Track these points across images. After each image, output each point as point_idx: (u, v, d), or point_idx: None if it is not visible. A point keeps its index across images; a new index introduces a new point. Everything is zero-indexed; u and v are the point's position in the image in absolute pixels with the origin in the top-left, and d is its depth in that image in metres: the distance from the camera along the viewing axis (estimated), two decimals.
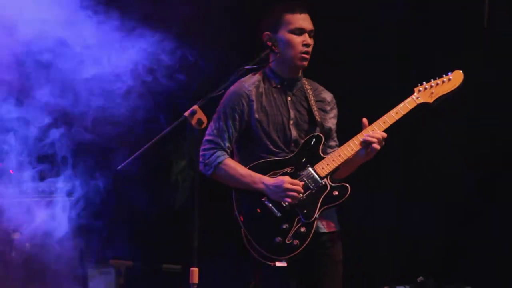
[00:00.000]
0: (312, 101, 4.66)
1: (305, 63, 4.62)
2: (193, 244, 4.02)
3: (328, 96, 4.76)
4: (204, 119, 4.11)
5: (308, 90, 4.69)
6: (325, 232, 4.58)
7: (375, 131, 4.49)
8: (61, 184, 6.01)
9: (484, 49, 6.40)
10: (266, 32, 4.64)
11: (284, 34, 4.60)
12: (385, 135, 4.50)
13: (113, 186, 6.57)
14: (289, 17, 4.60)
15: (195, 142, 4.24)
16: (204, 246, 4.28)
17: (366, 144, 4.48)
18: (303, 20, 4.60)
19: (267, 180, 4.46)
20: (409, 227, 6.76)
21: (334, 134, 4.73)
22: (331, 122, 4.70)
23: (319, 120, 4.64)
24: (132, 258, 6.46)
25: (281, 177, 4.46)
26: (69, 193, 6.00)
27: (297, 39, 4.59)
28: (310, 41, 4.60)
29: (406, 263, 6.79)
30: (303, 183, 4.47)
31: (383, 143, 4.50)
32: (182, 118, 4.13)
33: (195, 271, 4.03)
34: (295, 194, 4.42)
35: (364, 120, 4.54)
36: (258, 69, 4.56)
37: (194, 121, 4.09)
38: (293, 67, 4.63)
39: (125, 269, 6.32)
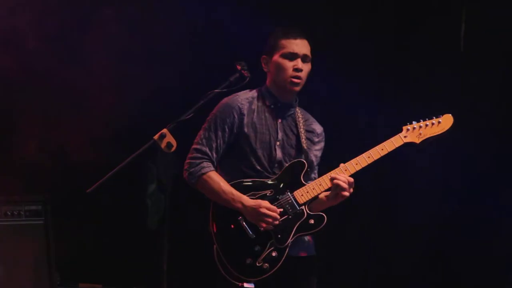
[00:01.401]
0: (301, 129, 4.69)
1: (296, 88, 4.64)
2: (162, 267, 4.02)
3: (318, 128, 4.79)
4: (174, 142, 4.12)
5: (300, 119, 4.72)
6: (298, 257, 4.59)
7: (341, 175, 4.49)
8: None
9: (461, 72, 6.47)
10: (263, 56, 4.71)
11: (277, 59, 4.65)
12: (351, 179, 4.50)
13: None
14: (283, 41, 4.64)
15: (166, 165, 4.25)
16: (174, 268, 4.29)
17: (333, 184, 4.49)
18: (296, 45, 4.63)
19: (246, 201, 4.47)
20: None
21: (316, 168, 4.75)
22: (315, 154, 4.73)
23: (305, 148, 4.67)
24: (102, 281, 6.44)
25: (260, 201, 4.47)
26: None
27: (288, 64, 4.62)
28: (301, 66, 4.62)
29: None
30: (281, 210, 4.49)
31: (351, 189, 4.51)
32: (151, 142, 4.13)
33: None
34: (270, 220, 4.43)
35: (341, 165, 4.56)
36: (227, 93, 4.57)
37: (163, 145, 4.10)
38: (284, 91, 4.66)
39: None
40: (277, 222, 4.45)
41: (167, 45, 6.58)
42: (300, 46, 4.63)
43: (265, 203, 4.46)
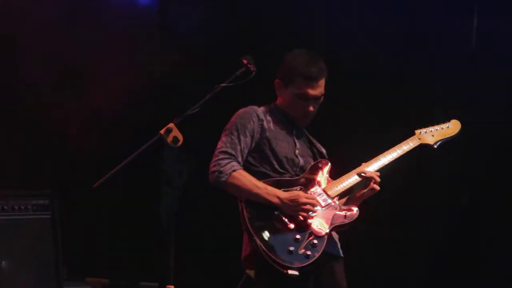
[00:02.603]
0: (313, 141, 4.77)
1: (306, 123, 4.71)
2: (170, 261, 4.02)
3: (323, 150, 4.83)
4: (180, 137, 4.10)
5: (310, 137, 4.79)
6: (334, 254, 4.59)
7: (369, 171, 4.57)
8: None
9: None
10: (277, 80, 4.69)
11: (291, 93, 4.63)
12: (378, 173, 4.57)
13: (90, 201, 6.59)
14: (301, 82, 4.60)
15: (172, 160, 4.23)
16: (181, 263, 4.28)
17: (363, 178, 4.55)
18: (314, 89, 4.60)
19: (282, 194, 4.46)
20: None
21: None
22: None
23: (324, 153, 4.75)
24: (109, 276, 6.45)
25: (296, 192, 4.48)
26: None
27: (302, 103, 4.62)
28: (314, 107, 4.64)
29: None
30: (316, 197, 4.51)
31: (379, 180, 4.56)
32: (157, 136, 4.12)
33: None
34: (310, 207, 4.45)
35: (363, 163, 4.63)
36: (234, 87, 4.56)
37: (169, 139, 4.08)
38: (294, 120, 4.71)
39: (102, 287, 6.30)
40: (316, 210, 4.46)
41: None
42: (319, 88, 4.62)
43: (302, 192, 4.48)
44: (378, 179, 4.56)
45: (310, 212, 4.46)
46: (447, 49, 6.57)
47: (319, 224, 4.48)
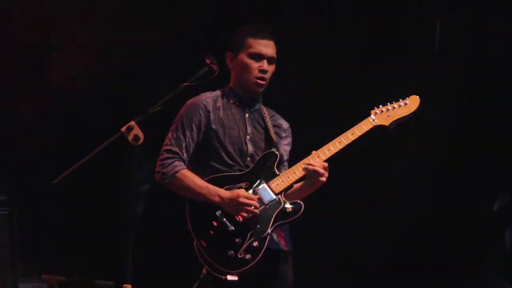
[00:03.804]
0: (269, 123, 4.69)
1: (260, 89, 4.64)
2: (127, 259, 4.01)
3: (284, 123, 4.79)
4: (141, 135, 4.09)
5: (266, 114, 4.73)
6: (278, 250, 4.57)
7: (315, 161, 4.50)
8: None
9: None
10: (229, 52, 4.67)
11: (243, 57, 4.62)
12: (326, 164, 4.51)
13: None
14: (251, 41, 4.61)
15: (132, 158, 4.23)
16: (139, 262, 4.27)
17: (308, 171, 4.50)
18: (264, 46, 4.61)
19: (223, 193, 4.44)
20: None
21: (286, 162, 4.73)
22: (284, 149, 4.72)
23: (275, 140, 4.67)
24: (65, 273, 6.42)
25: (237, 191, 4.45)
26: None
27: (254, 64, 4.60)
28: (267, 67, 4.61)
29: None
30: (258, 196, 4.48)
31: (327, 174, 4.51)
32: (118, 134, 4.11)
33: (128, 287, 4.02)
34: (250, 208, 4.42)
35: (313, 152, 4.56)
36: (196, 86, 4.56)
37: (130, 137, 4.08)
38: (247, 91, 4.66)
39: (58, 284, 6.26)
40: (256, 211, 4.43)
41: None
42: (268, 47, 4.62)
43: (242, 191, 4.44)
44: (323, 172, 4.48)
45: (250, 213, 4.44)
46: None
47: (260, 224, 4.44)
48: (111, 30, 6.62)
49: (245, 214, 4.42)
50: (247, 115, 4.68)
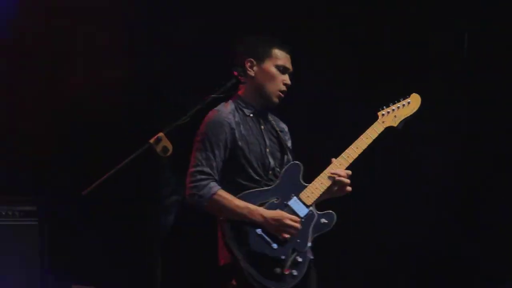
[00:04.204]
0: (278, 131, 4.70)
1: (278, 102, 4.65)
2: (156, 272, 4.02)
3: (285, 126, 4.82)
4: (170, 146, 4.10)
5: (272, 121, 4.74)
6: (311, 259, 4.60)
7: (340, 170, 4.56)
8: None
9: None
10: (250, 59, 4.62)
11: (269, 67, 4.60)
12: (349, 172, 4.57)
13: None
14: (278, 52, 4.62)
15: (161, 169, 4.24)
16: (168, 275, 4.28)
17: (334, 181, 4.55)
18: (288, 61, 4.64)
19: (266, 212, 4.42)
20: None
21: None
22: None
23: (289, 148, 4.70)
24: (95, 283, 6.44)
25: (280, 212, 4.44)
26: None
27: (280, 77, 4.61)
28: (289, 82, 4.64)
29: None
30: (299, 219, 4.47)
31: (349, 181, 4.57)
32: (146, 145, 4.12)
33: None
34: (293, 231, 4.43)
35: (333, 160, 4.61)
36: (224, 98, 4.56)
37: (159, 149, 4.08)
38: (266, 101, 4.65)
39: None
40: (298, 227, 4.44)
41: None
42: (290, 62, 4.65)
43: (285, 213, 4.44)
44: (348, 181, 4.56)
45: (294, 233, 4.44)
46: None
47: (300, 239, 4.47)
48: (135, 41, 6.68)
49: (287, 235, 4.43)
50: (262, 127, 4.67)
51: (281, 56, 4.62)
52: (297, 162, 4.60)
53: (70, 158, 6.65)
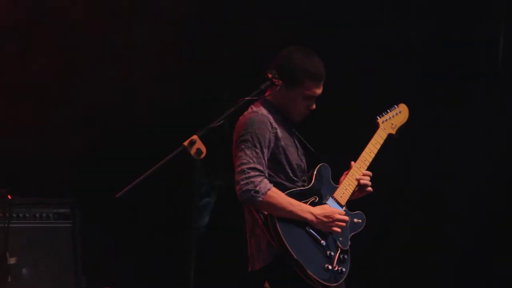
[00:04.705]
0: (298, 134, 4.75)
1: (301, 120, 4.68)
2: (189, 272, 4.03)
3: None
4: (203, 149, 4.10)
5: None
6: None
7: (365, 172, 4.66)
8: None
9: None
10: (280, 81, 4.55)
11: (296, 95, 4.58)
12: (370, 173, 4.67)
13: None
14: (310, 84, 4.57)
15: (194, 172, 4.25)
16: (202, 276, 4.29)
17: (361, 184, 4.65)
18: (319, 89, 4.61)
19: (314, 210, 4.46)
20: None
21: None
22: None
23: (313, 150, 4.72)
24: (127, 285, 6.47)
25: (327, 207, 4.50)
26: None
27: (305, 103, 4.61)
28: (314, 106, 4.64)
29: None
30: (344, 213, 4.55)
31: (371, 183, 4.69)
32: (180, 148, 4.12)
33: None
34: (343, 224, 4.48)
35: (353, 164, 4.68)
36: (255, 101, 4.56)
37: (193, 151, 4.09)
38: (289, 116, 4.66)
39: None
40: (347, 223, 4.52)
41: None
42: (321, 88, 4.63)
43: (333, 208, 4.51)
44: (370, 183, 4.67)
45: (342, 228, 4.49)
46: None
47: (343, 237, 4.53)
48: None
49: (339, 230, 4.47)
50: (292, 129, 4.69)
51: (311, 88, 4.58)
52: (324, 164, 4.64)
53: (104, 161, 6.69)
